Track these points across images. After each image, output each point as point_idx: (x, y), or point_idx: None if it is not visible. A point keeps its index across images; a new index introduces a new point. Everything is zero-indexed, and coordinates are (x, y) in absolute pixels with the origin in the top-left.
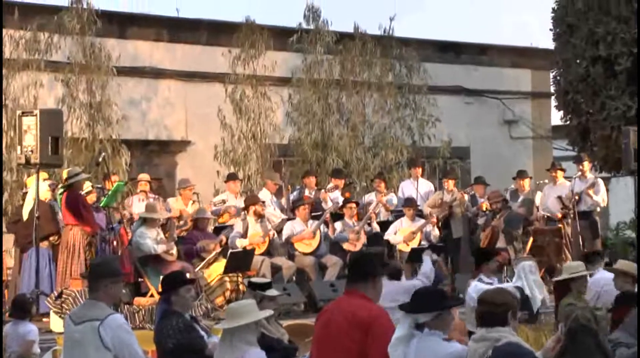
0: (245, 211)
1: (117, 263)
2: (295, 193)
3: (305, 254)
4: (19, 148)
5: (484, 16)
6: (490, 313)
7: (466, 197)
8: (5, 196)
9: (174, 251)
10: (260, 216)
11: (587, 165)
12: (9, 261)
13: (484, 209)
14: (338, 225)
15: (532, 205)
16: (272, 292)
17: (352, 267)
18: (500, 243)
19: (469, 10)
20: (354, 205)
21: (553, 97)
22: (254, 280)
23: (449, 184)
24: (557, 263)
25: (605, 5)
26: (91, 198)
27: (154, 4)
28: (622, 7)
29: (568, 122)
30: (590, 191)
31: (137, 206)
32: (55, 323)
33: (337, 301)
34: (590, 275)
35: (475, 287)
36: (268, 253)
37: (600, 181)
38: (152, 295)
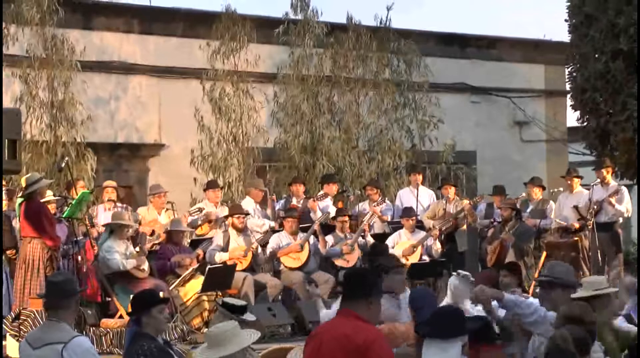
0: (227, 222)
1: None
2: (281, 202)
3: (292, 269)
4: None
5: (492, 5)
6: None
7: (480, 206)
8: None
9: (146, 267)
10: (239, 230)
11: (608, 171)
12: None
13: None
14: (329, 238)
15: (541, 217)
16: (249, 316)
17: (348, 284)
18: (509, 259)
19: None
20: (346, 218)
21: (569, 96)
22: (227, 300)
23: (449, 191)
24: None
25: None
26: (51, 208)
27: None
28: None
29: (585, 123)
30: (613, 199)
31: (102, 216)
32: (12, 347)
33: (329, 323)
34: None
35: None
36: (251, 269)
37: (625, 190)
38: (121, 316)
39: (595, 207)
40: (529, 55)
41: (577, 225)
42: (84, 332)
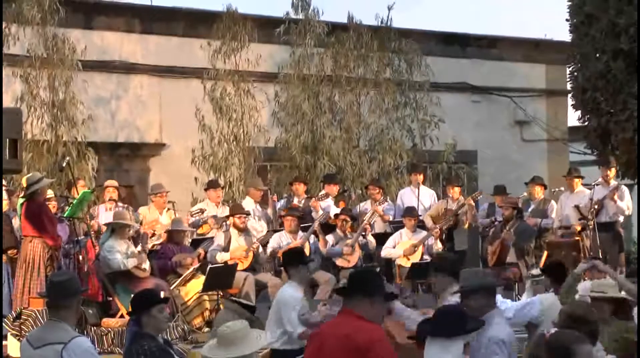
0: (229, 222)
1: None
2: (282, 202)
3: None
4: None
5: (492, 5)
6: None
7: (482, 206)
8: None
9: (147, 266)
10: (240, 230)
11: (613, 171)
12: None
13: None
14: (330, 238)
15: (543, 216)
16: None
17: (351, 284)
18: (511, 258)
19: None
20: (346, 217)
21: (570, 96)
22: (235, 299)
23: (454, 192)
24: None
25: None
26: (52, 206)
27: None
28: None
29: (586, 123)
30: (615, 196)
31: (104, 216)
32: (14, 347)
33: (330, 322)
34: None
35: None
36: (252, 268)
37: (625, 188)
38: (122, 316)
39: (596, 207)
40: (530, 54)
41: (578, 228)
42: (85, 332)
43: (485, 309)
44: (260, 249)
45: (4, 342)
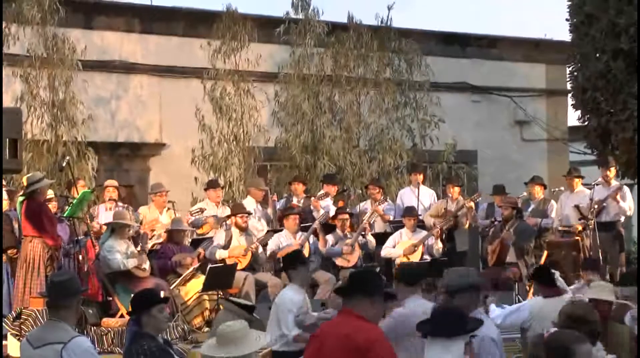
0: (230, 221)
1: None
2: (282, 201)
3: None
4: None
5: (492, 4)
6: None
7: (481, 206)
8: None
9: (147, 266)
10: (242, 229)
11: (613, 171)
12: None
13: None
14: (330, 238)
15: (543, 216)
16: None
17: (351, 284)
18: (510, 258)
19: None
20: (346, 216)
21: (570, 95)
22: (233, 300)
23: (454, 191)
24: (575, 280)
25: None
26: (52, 206)
27: None
28: None
29: (586, 123)
30: (617, 196)
31: (104, 216)
32: (14, 347)
33: (330, 323)
34: None
35: None
36: (251, 268)
37: (626, 188)
38: (122, 316)
39: (596, 206)
40: (530, 54)
41: (579, 228)
42: (85, 331)
43: (471, 308)
44: (260, 249)
45: (4, 342)
